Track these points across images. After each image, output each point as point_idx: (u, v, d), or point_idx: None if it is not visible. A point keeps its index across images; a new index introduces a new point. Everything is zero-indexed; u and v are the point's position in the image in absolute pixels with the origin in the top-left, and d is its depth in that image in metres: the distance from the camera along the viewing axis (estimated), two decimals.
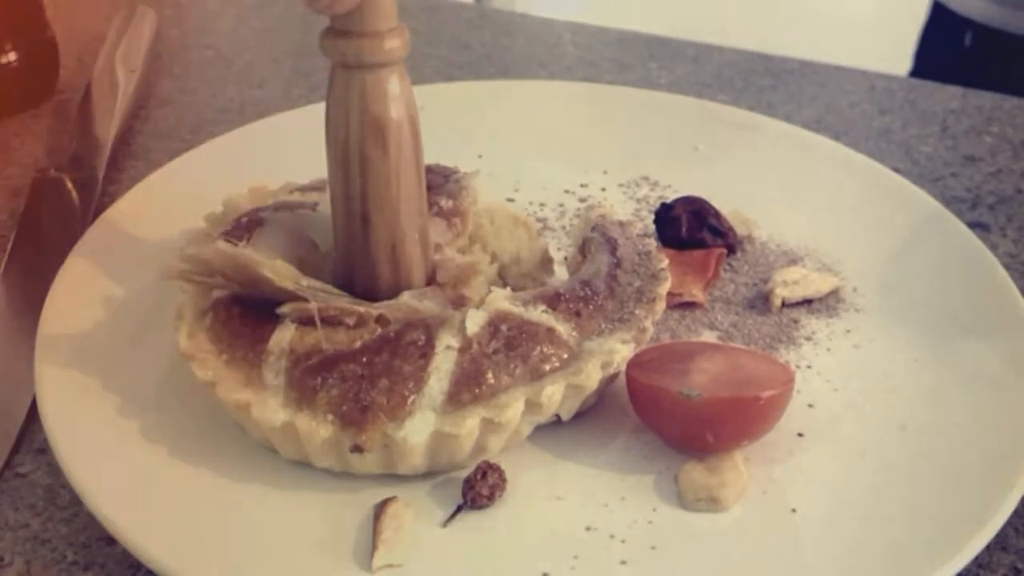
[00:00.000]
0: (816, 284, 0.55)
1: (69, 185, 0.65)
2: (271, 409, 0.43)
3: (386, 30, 0.44)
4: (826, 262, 0.58)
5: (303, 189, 0.55)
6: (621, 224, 0.52)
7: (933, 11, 1.08)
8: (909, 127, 0.75)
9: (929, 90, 0.80)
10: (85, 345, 0.50)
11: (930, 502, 0.44)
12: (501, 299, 0.46)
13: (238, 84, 0.79)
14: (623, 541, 0.43)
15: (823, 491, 0.45)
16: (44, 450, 0.49)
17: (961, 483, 0.44)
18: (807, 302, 0.55)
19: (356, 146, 0.45)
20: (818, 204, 0.62)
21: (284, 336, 0.45)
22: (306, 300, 0.45)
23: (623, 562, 0.42)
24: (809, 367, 0.51)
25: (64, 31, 0.79)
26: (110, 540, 0.45)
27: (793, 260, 0.58)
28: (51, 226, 0.62)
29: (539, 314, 0.46)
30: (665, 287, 0.49)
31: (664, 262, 0.50)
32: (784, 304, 0.55)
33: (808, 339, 0.53)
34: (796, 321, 0.54)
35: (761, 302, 0.55)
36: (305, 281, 0.46)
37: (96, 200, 0.64)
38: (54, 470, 0.48)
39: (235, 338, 0.45)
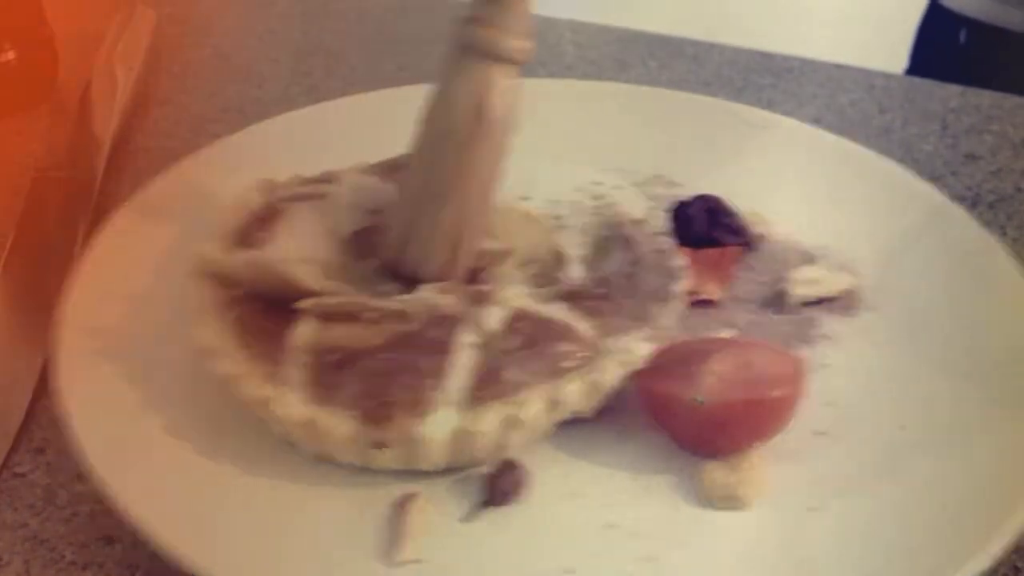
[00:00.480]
0: (833, 283, 0.55)
1: (67, 184, 0.65)
2: (292, 405, 0.43)
3: (521, 30, 0.47)
4: (842, 261, 0.57)
5: (311, 181, 0.55)
6: (638, 222, 0.52)
7: (929, 8, 1.08)
8: (909, 125, 0.75)
9: (929, 88, 0.79)
10: (105, 340, 0.50)
11: (948, 501, 0.44)
12: (520, 296, 0.47)
13: (237, 83, 0.79)
14: (646, 537, 0.43)
15: (842, 489, 0.45)
16: (43, 449, 0.49)
17: (980, 482, 0.44)
18: (823, 301, 0.55)
19: (460, 129, 0.47)
20: (834, 203, 0.61)
21: (305, 332, 0.45)
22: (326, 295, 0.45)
23: (646, 559, 0.42)
24: (827, 366, 0.51)
25: (62, 30, 0.78)
26: (109, 540, 0.45)
27: (809, 259, 0.58)
28: (50, 225, 0.62)
29: (558, 311, 0.46)
30: (684, 285, 0.49)
31: (682, 260, 0.50)
32: (801, 303, 0.54)
33: (824, 338, 0.53)
34: (813, 320, 0.54)
35: (777, 301, 0.55)
36: (333, 283, 0.46)
37: (95, 199, 0.64)
38: (52, 470, 0.48)
39: (257, 334, 0.46)
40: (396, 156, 0.57)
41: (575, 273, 0.53)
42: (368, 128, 0.64)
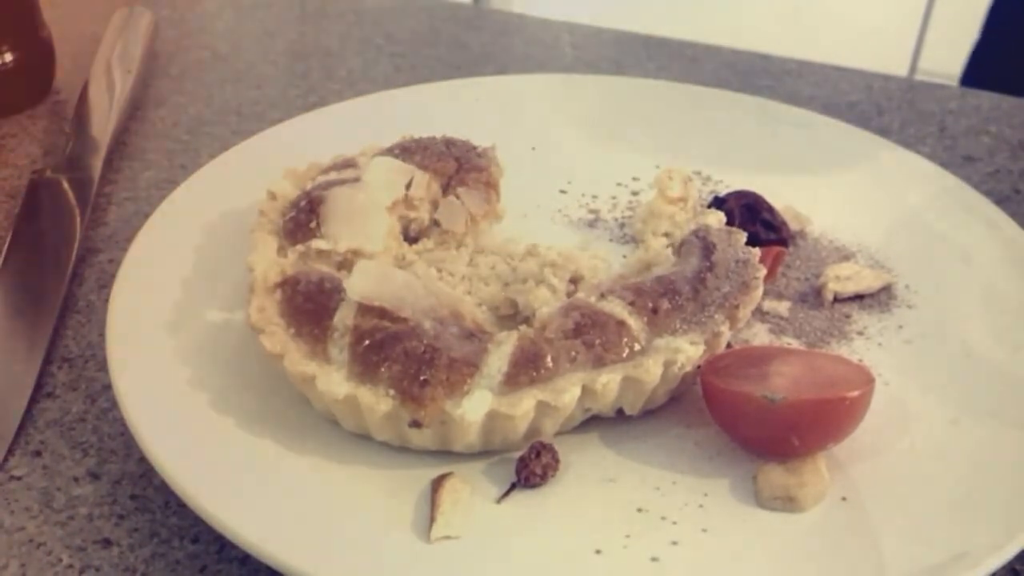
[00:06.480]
0: (868, 280, 0.56)
1: (65, 186, 0.65)
2: (335, 382, 0.45)
3: None
4: (878, 258, 0.58)
5: (331, 168, 0.56)
6: (728, 232, 0.52)
7: None
8: (907, 127, 0.75)
9: (927, 90, 0.80)
10: (155, 320, 0.51)
11: (982, 495, 0.44)
12: (581, 288, 0.48)
13: (235, 85, 0.79)
14: (674, 523, 0.44)
15: (874, 481, 0.45)
16: (39, 452, 0.49)
17: (1013, 477, 0.45)
18: (859, 297, 0.55)
19: None
20: (871, 201, 0.62)
21: (347, 313, 0.46)
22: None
23: (674, 543, 0.43)
24: (860, 361, 0.51)
25: (60, 31, 0.78)
26: (106, 543, 0.45)
27: (845, 256, 0.58)
28: (47, 227, 0.62)
29: (614, 305, 0.47)
30: (753, 296, 0.49)
31: (760, 271, 0.50)
32: (836, 299, 0.55)
33: (860, 334, 0.53)
34: (848, 316, 0.54)
35: (813, 296, 0.56)
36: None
37: (92, 200, 0.64)
38: (49, 473, 0.48)
39: (301, 314, 0.47)
40: (404, 138, 0.58)
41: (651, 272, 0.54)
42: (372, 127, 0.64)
